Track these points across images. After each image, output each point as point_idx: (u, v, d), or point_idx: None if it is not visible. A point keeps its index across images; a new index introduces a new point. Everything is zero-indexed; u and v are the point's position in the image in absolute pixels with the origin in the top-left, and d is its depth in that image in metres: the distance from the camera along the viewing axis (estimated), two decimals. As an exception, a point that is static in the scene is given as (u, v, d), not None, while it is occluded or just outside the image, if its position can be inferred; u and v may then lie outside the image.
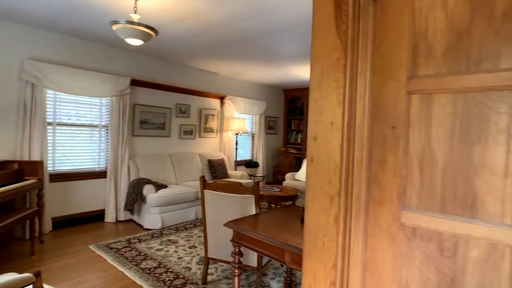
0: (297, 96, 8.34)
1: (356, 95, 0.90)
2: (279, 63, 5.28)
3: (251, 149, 7.54)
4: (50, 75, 3.80)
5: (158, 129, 5.24)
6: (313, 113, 0.96)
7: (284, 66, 5.53)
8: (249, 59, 5.06)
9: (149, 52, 4.80)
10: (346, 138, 0.89)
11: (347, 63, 0.89)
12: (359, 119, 0.89)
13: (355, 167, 0.90)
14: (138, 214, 4.50)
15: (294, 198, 4.83)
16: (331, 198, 0.91)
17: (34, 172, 3.51)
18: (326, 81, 0.92)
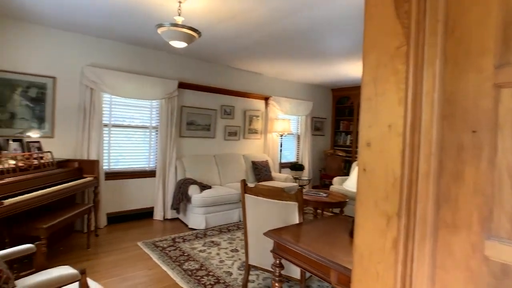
0: (346, 96, 7.94)
1: (421, 91, 0.72)
2: (326, 60, 5.04)
3: (296, 151, 7.35)
4: (106, 80, 4.06)
5: (203, 130, 5.34)
6: (366, 114, 0.80)
7: (332, 64, 5.27)
8: (295, 57, 4.90)
9: (195, 55, 4.90)
10: (408, 144, 0.72)
11: (409, 51, 0.72)
12: (426, 121, 0.71)
13: (419, 181, 0.72)
14: (184, 213, 4.60)
15: (343, 205, 4.56)
16: (388, 218, 0.75)
17: (91, 170, 3.76)
18: (383, 75, 0.76)
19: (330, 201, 4.51)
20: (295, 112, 6.87)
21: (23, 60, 3.57)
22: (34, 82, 3.61)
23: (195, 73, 5.17)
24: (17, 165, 2.87)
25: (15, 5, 3.13)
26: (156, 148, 4.76)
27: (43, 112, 3.70)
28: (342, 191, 5.49)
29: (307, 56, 4.76)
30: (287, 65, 5.42)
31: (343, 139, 8.10)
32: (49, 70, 3.74)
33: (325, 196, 4.78)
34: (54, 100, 3.78)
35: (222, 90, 5.52)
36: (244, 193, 2.70)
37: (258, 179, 5.63)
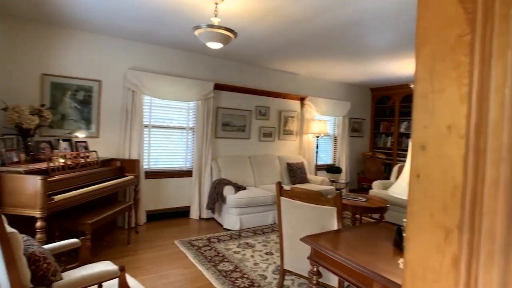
0: (387, 95, 7.56)
1: (489, 87, 0.62)
2: (366, 58, 4.82)
3: (333, 153, 7.14)
4: (146, 82, 4.23)
5: (238, 131, 5.36)
6: (420, 113, 0.71)
7: (372, 62, 5.03)
8: (332, 56, 4.75)
9: (230, 56, 4.94)
10: (472, 148, 0.62)
11: (475, 41, 0.63)
12: (495, 121, 0.61)
13: (486, 190, 0.62)
14: (219, 213, 4.65)
15: (383, 211, 4.33)
16: (447, 232, 0.65)
17: (132, 169, 3.94)
18: (441, 69, 0.67)
19: (369, 206, 4.30)
20: (331, 113, 6.67)
21: (73, 65, 3.83)
22: (82, 85, 3.86)
23: (230, 74, 5.22)
24: (66, 163, 3.07)
25: (66, 14, 3.37)
26: (192, 149, 4.88)
27: (89, 114, 3.94)
28: (382, 196, 5.23)
29: (345, 54, 4.59)
30: (324, 64, 5.28)
31: (383, 141, 7.72)
32: (95, 74, 3.98)
33: (364, 201, 4.58)
34: (100, 102, 4.02)
35: (257, 91, 5.51)
36: (280, 195, 2.64)
37: (293, 181, 5.54)
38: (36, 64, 3.62)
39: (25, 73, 3.56)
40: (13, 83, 3.50)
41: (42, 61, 3.65)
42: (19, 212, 2.45)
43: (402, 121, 7.29)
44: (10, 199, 2.45)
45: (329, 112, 6.62)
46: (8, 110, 3.08)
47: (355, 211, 4.35)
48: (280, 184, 2.69)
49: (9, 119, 3.05)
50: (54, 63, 3.71)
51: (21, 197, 2.44)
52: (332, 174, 6.36)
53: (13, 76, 3.50)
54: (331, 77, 6.47)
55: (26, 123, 3.09)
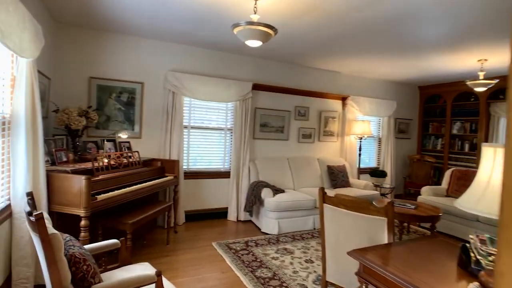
0: (437, 94, 6.94)
1: None
2: (416, 53, 4.41)
3: (377, 156, 6.70)
4: (186, 83, 4.25)
5: (277, 132, 5.21)
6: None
7: (422, 57, 4.60)
8: (377, 52, 4.41)
9: (269, 55, 4.81)
10: None
11: None
12: None
13: None
14: (256, 216, 4.54)
15: (435, 220, 3.93)
16: None
17: (171, 169, 3.96)
18: None
19: (419, 215, 3.93)
20: (375, 113, 6.26)
21: (117, 68, 3.95)
22: (125, 87, 3.97)
23: (269, 74, 5.09)
24: (110, 163, 3.14)
25: (111, 19, 3.47)
26: (230, 150, 4.82)
27: (133, 115, 4.04)
28: (432, 203, 4.78)
29: (392, 49, 4.23)
30: (368, 61, 4.93)
31: (432, 143, 7.10)
32: (138, 76, 4.07)
33: (413, 208, 4.20)
34: (142, 103, 4.10)
35: (296, 91, 5.32)
36: (323, 202, 2.45)
37: (334, 185, 5.26)
38: (85, 67, 3.78)
39: (75, 76, 3.74)
40: (64, 86, 3.69)
41: (89, 64, 3.80)
42: (66, 210, 2.52)
43: (454, 121, 6.65)
44: (57, 198, 2.54)
45: (373, 112, 6.21)
46: (58, 112, 3.23)
47: (403, 219, 3.99)
48: (323, 190, 2.49)
49: (59, 120, 3.20)
50: (100, 66, 3.86)
51: (67, 195, 2.51)
52: (376, 178, 5.95)
53: (64, 80, 3.68)
54: (375, 75, 6.07)
55: (74, 124, 3.22)
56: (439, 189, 5.39)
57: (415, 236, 4.47)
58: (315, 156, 5.59)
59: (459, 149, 6.59)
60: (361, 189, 5.28)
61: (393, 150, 6.56)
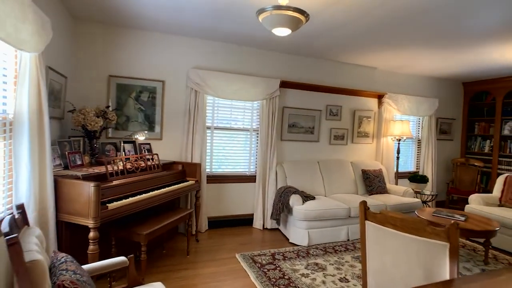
0: (484, 90, 6.11)
1: None
2: (464, 44, 3.75)
3: (415, 159, 6.00)
4: (209, 81, 3.90)
5: (306, 133, 4.74)
6: None
7: (471, 48, 3.91)
8: (420, 44, 3.81)
9: (298, 50, 4.35)
10: None
11: None
12: None
13: None
14: (284, 225, 4.10)
15: (490, 234, 3.33)
16: None
17: (193, 173, 3.63)
18: None
19: (472, 228, 3.33)
20: (415, 112, 5.59)
21: (137, 66, 3.68)
22: (146, 86, 3.69)
23: (297, 70, 4.63)
24: (125, 167, 2.85)
25: (131, 15, 3.19)
26: (256, 152, 4.42)
27: (153, 115, 3.76)
28: (483, 214, 4.12)
29: (439, 39, 3.61)
30: (407, 55, 4.32)
31: (479, 145, 6.27)
32: (159, 74, 3.79)
33: (463, 220, 3.59)
34: (163, 103, 3.81)
35: (327, 88, 4.81)
36: (364, 219, 1.97)
37: (370, 191, 4.70)
38: (104, 65, 3.54)
39: (94, 75, 3.51)
40: (82, 85, 3.47)
41: (109, 62, 3.56)
42: (73, 220, 2.24)
43: (505, 121, 5.80)
44: (66, 206, 2.26)
45: (412, 111, 5.55)
46: (74, 112, 3.00)
47: None
48: (365, 205, 2.01)
49: (75, 121, 2.96)
50: (119, 64, 3.61)
51: (75, 204, 2.23)
52: (416, 184, 5.29)
53: (82, 79, 3.47)
54: (415, 71, 5.41)
55: (91, 125, 2.96)
56: (490, 198, 4.67)
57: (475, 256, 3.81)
58: (348, 159, 5.05)
59: (511, 152, 5.74)
60: (400, 196, 4.68)
61: (435, 152, 5.84)
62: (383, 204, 4.20)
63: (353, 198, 4.31)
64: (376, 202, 4.21)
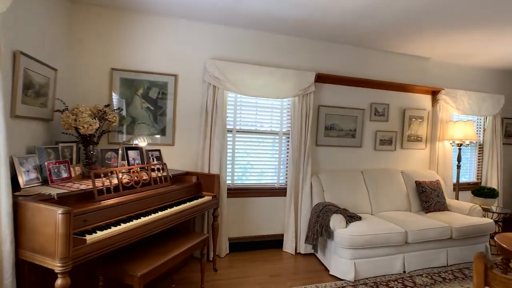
0: None
1: None
2: None
3: (476, 167, 4.90)
4: (229, 75, 3.16)
5: (346, 137, 3.86)
6: None
7: None
8: (488, 25, 2.84)
9: (336, 37, 3.51)
10: None
11: None
12: None
13: None
14: (322, 251, 3.25)
15: None
16: None
17: (210, 187, 2.89)
18: None
19: None
20: (476, 111, 4.52)
21: (145, 57, 3.02)
22: (155, 81, 3.02)
23: (335, 61, 3.78)
24: (121, 181, 2.16)
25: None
26: (286, 160, 3.61)
27: (164, 116, 3.07)
28: None
29: (504, 19, 2.63)
30: (473, 40, 3.33)
31: (556, 150, 5.04)
32: (171, 67, 3.10)
33: None
34: (175, 101, 3.12)
35: (372, 83, 3.92)
36: (484, 285, 1.11)
37: (427, 208, 3.72)
38: (105, 56, 2.91)
39: (93, 68, 2.89)
40: (79, 79, 2.85)
41: (111, 53, 2.93)
42: (38, 260, 1.56)
43: None
44: (28, 240, 1.59)
45: (473, 110, 4.49)
46: (64, 112, 2.36)
47: None
48: (485, 263, 1.15)
49: (65, 123, 2.32)
50: (124, 55, 2.96)
51: (40, 237, 1.54)
52: (482, 199, 4.22)
53: (79, 72, 2.85)
54: (478, 61, 4.36)
55: (83, 127, 2.31)
56: None
57: None
58: (398, 168, 4.10)
59: None
60: (466, 214, 3.66)
61: (501, 159, 4.72)
62: (447, 226, 3.23)
63: (408, 217, 3.38)
64: (437, 223, 3.24)
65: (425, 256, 3.18)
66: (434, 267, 3.22)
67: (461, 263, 3.35)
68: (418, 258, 3.15)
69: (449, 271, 3.15)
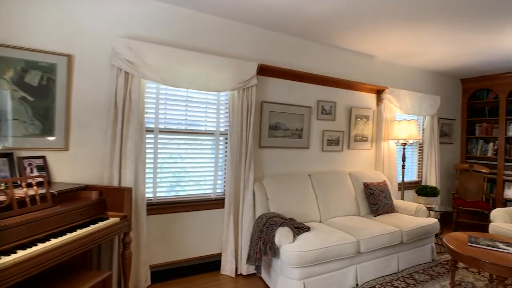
0: (485, 88, 5.19)
1: None
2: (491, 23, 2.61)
3: (417, 166, 4.87)
4: (149, 59, 2.44)
5: (293, 137, 3.39)
6: None
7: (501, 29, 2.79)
8: (426, 26, 2.62)
9: (282, 25, 3.02)
10: None
11: None
12: None
13: None
14: (267, 272, 2.70)
15: None
16: None
17: (119, 204, 2.14)
18: None
19: None
20: (417, 111, 4.45)
21: (19, 25, 2.13)
22: (35, 62, 2.15)
23: (282, 53, 3.29)
24: None
25: None
26: (225, 165, 2.99)
27: (51, 110, 2.21)
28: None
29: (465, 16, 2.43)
30: (418, 37, 3.13)
31: (481, 148, 5.29)
32: (62, 43, 2.25)
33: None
34: (69, 90, 2.28)
35: (319, 79, 3.52)
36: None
37: (375, 211, 3.43)
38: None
39: None
40: None
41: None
42: None
43: (509, 121, 4.89)
44: None
45: (415, 109, 4.41)
46: None
47: (499, 272, 2.22)
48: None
49: None
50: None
51: None
52: (425, 198, 4.12)
53: None
54: (416, 62, 4.29)
55: None
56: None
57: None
58: (346, 170, 3.77)
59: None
60: (412, 215, 3.47)
61: (438, 158, 4.75)
62: (398, 231, 2.94)
63: (358, 223, 3.02)
64: (388, 228, 2.94)
65: (377, 264, 2.85)
66: (386, 275, 2.92)
67: (410, 267, 3.13)
68: (370, 268, 2.80)
69: (400, 279, 2.87)
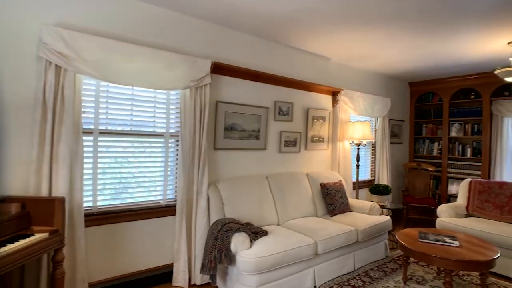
0: (430, 91, 5.61)
1: None
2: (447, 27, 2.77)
3: (370, 166, 5.07)
4: (86, 52, 2.17)
5: (250, 138, 3.29)
6: None
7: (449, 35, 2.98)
8: (393, 25, 2.72)
9: (237, 22, 2.92)
10: None
11: None
12: None
13: None
14: (223, 280, 2.56)
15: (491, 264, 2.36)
16: None
17: (48, 217, 1.85)
18: None
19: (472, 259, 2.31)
20: (370, 113, 4.63)
21: None
22: None
23: (238, 52, 3.18)
24: None
25: None
26: (175, 169, 2.79)
27: (-42, 109, 1.86)
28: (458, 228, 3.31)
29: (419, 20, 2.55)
30: (375, 41, 3.24)
31: (427, 148, 5.69)
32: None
33: (457, 246, 2.61)
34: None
35: (276, 79, 3.47)
36: None
37: (332, 211, 3.46)
38: None
39: None
40: None
41: None
42: None
43: (452, 123, 5.34)
44: None
45: (368, 111, 4.58)
46: None
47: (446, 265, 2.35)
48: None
49: None
50: None
51: None
52: (378, 196, 4.28)
53: None
54: (367, 66, 4.47)
55: None
56: (457, 207, 3.93)
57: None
58: (303, 171, 3.77)
59: (460, 155, 5.25)
60: (367, 213, 3.58)
61: (389, 158, 4.98)
62: (353, 230, 2.99)
63: (316, 224, 3.01)
64: (344, 227, 2.98)
65: (334, 265, 2.86)
66: (343, 275, 2.95)
67: (366, 265, 3.21)
68: (328, 268, 2.80)
69: (357, 277, 2.92)
